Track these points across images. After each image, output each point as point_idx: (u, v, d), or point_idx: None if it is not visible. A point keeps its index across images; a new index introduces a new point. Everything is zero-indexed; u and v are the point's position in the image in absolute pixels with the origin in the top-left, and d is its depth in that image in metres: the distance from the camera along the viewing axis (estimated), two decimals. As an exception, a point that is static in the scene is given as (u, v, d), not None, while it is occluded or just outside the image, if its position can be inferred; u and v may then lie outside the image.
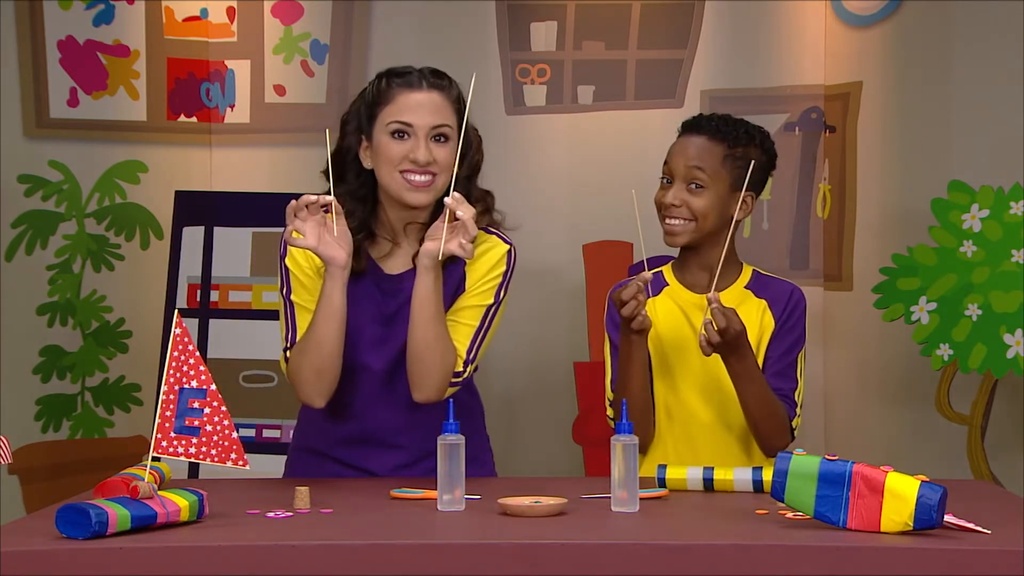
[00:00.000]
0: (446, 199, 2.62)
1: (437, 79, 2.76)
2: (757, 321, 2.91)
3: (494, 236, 2.80)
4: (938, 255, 3.67)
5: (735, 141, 2.91)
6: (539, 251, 4.26)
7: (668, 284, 2.97)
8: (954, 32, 3.89)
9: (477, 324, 2.74)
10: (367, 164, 2.76)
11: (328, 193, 2.67)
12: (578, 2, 4.29)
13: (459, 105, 2.76)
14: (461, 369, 2.71)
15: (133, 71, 4.30)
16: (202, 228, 4.10)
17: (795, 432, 2.89)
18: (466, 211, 2.61)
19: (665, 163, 2.95)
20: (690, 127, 2.96)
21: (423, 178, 2.70)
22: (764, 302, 2.93)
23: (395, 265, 2.79)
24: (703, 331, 2.74)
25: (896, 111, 4.02)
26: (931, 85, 3.93)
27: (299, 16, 4.38)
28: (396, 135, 2.71)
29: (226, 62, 4.40)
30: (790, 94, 4.23)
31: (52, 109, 4.20)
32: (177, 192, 4.18)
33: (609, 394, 2.96)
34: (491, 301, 2.76)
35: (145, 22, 4.31)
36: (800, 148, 4.23)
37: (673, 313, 2.93)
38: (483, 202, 2.79)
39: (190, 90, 4.37)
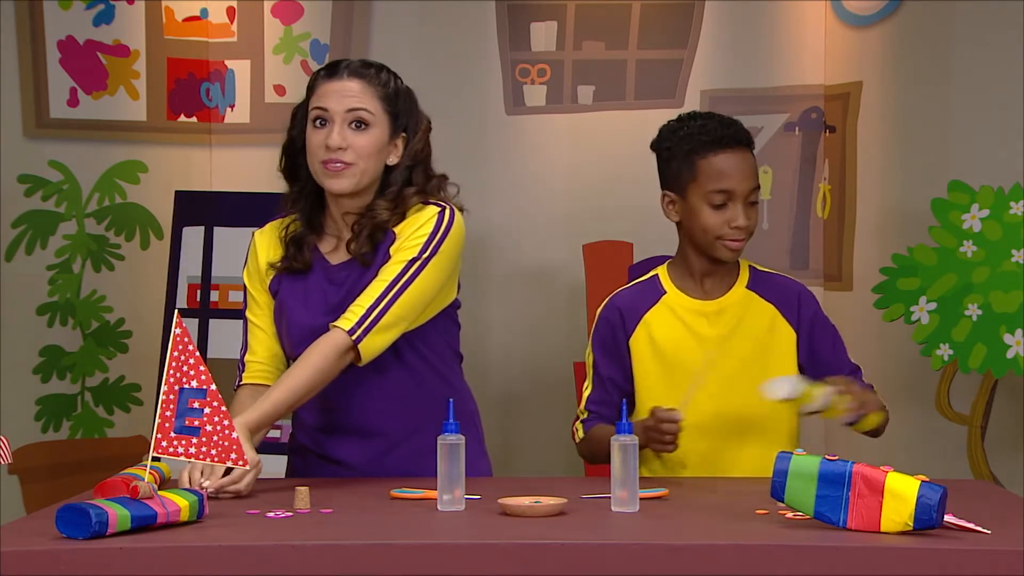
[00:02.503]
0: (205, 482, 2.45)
1: (364, 68, 2.73)
2: (767, 325, 2.88)
3: (428, 205, 2.74)
4: (938, 255, 3.67)
5: (751, 143, 2.88)
6: (539, 251, 4.26)
7: (666, 292, 2.92)
8: (954, 32, 3.89)
9: (391, 279, 2.65)
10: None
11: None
12: (578, 2, 4.29)
13: (388, 93, 2.72)
14: (351, 328, 2.62)
15: (133, 71, 4.30)
16: (202, 228, 4.10)
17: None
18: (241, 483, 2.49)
19: (719, 189, 2.80)
20: (726, 141, 2.82)
21: (338, 164, 2.68)
22: (772, 307, 2.89)
23: (340, 257, 2.78)
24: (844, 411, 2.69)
25: (896, 111, 4.02)
26: (931, 85, 3.93)
27: (299, 16, 4.37)
28: (316, 123, 2.72)
29: (226, 62, 4.39)
30: (790, 94, 4.23)
31: (52, 109, 4.19)
32: (177, 192, 4.18)
33: (582, 412, 2.94)
34: (414, 255, 2.66)
35: (145, 22, 4.31)
36: (800, 148, 4.23)
37: (672, 325, 2.89)
38: (419, 185, 2.73)
39: (190, 90, 4.37)
